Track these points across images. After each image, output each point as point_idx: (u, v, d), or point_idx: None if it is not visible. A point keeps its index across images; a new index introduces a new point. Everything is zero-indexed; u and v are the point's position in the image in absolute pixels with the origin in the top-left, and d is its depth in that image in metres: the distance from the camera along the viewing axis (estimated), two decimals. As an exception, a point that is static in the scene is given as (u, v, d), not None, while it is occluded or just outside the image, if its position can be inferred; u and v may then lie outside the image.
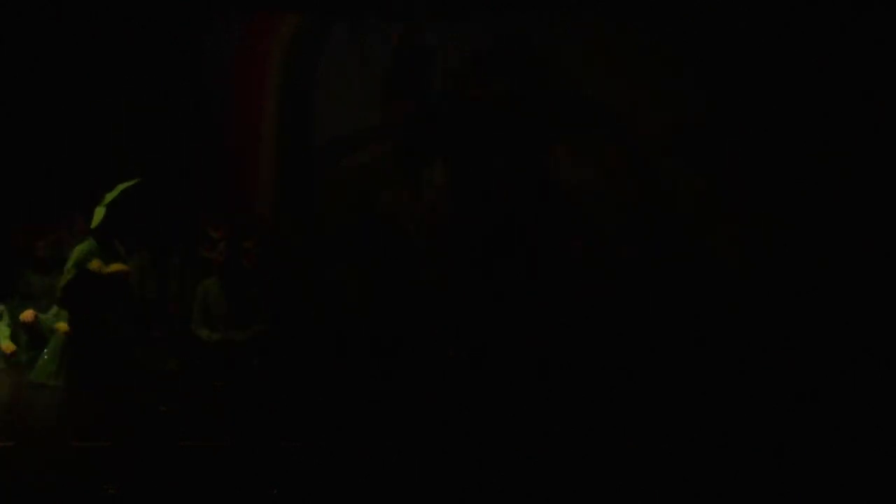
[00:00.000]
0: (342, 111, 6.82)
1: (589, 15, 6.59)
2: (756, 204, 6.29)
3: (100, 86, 6.78)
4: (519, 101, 4.46)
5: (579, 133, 4.77)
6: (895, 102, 6.11)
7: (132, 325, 5.48)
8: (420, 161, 6.22)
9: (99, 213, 5.34)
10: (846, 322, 5.80)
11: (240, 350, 5.93)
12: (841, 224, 6.10)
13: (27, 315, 5.56)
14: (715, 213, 6.36)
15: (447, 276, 5.28)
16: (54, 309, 5.53)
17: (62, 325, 5.28)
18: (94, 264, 5.35)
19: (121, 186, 5.42)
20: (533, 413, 4.15)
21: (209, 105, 6.97)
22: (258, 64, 7.01)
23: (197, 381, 5.55)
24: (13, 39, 6.67)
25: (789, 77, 6.30)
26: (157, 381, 5.46)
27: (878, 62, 6.13)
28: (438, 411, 4.40)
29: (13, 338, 5.68)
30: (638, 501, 3.10)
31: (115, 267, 5.33)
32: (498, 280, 4.37)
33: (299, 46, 7.01)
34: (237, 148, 6.96)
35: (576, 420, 4.12)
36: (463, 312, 4.61)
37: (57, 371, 5.17)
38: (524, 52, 4.51)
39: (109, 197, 5.40)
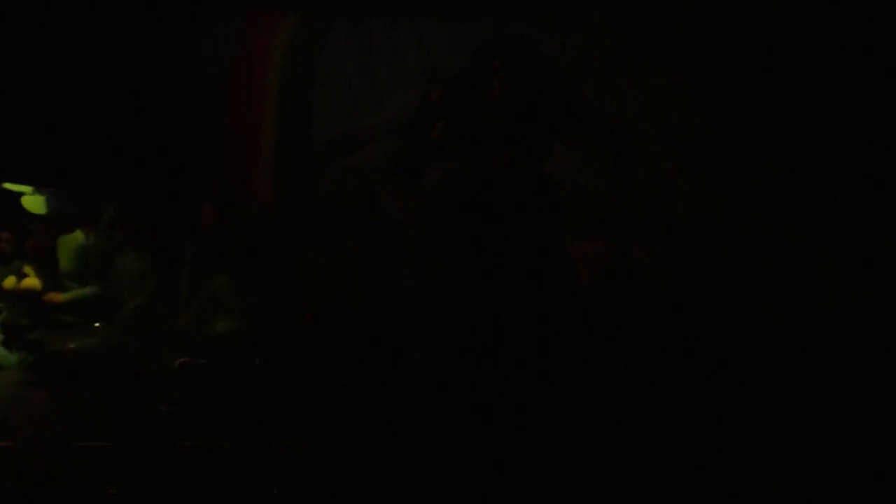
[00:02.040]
0: (342, 111, 6.82)
1: (589, 15, 6.60)
2: (757, 204, 6.29)
3: (100, 86, 6.78)
4: (520, 100, 4.45)
5: (580, 133, 4.77)
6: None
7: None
8: (422, 160, 6.22)
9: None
10: (847, 322, 5.80)
11: (241, 349, 5.97)
12: (842, 224, 6.09)
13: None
14: (716, 213, 6.36)
15: (449, 275, 5.28)
16: None
17: None
18: (9, 282, 5.58)
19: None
20: (534, 413, 4.15)
21: (209, 105, 6.97)
22: (258, 64, 7.01)
23: (197, 380, 5.55)
24: (12, 39, 6.67)
25: (790, 76, 6.29)
26: (159, 379, 5.50)
27: (879, 62, 6.13)
28: (439, 411, 4.40)
29: None
30: (638, 502, 3.10)
31: (27, 283, 5.48)
32: (499, 280, 4.37)
33: (299, 46, 7.01)
34: (236, 148, 6.96)
35: (577, 420, 4.12)
36: (464, 312, 4.61)
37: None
38: (525, 52, 4.51)
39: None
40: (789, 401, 4.59)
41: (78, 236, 5.79)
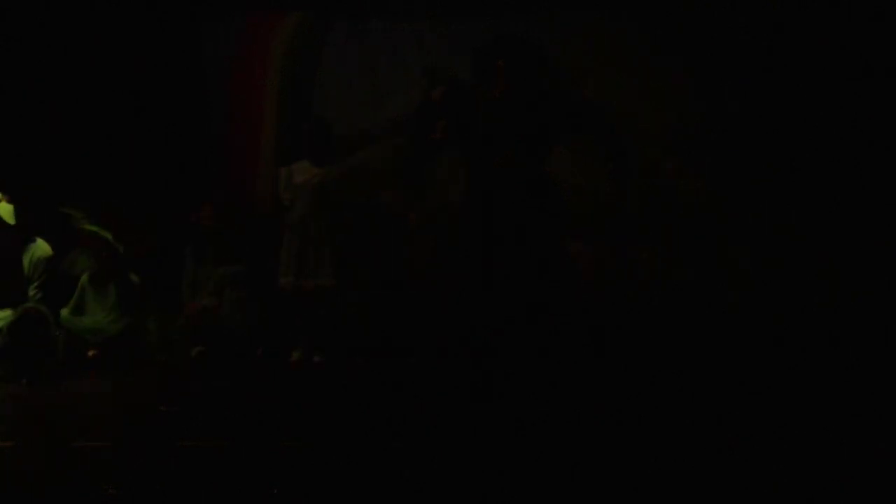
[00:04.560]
0: (342, 111, 6.82)
1: (589, 15, 6.61)
2: (757, 204, 6.29)
3: (100, 87, 6.79)
4: (520, 101, 4.45)
5: (580, 133, 4.77)
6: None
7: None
8: (426, 159, 6.22)
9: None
10: (847, 322, 5.80)
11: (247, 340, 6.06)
12: (842, 224, 6.09)
13: None
14: (716, 213, 6.36)
15: (452, 275, 5.30)
16: None
17: None
18: None
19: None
20: (534, 413, 4.15)
21: (209, 105, 6.98)
22: (258, 64, 7.01)
23: (197, 380, 5.56)
24: (12, 39, 6.68)
25: (790, 76, 6.29)
26: (174, 372, 5.59)
27: (879, 62, 6.13)
28: (440, 411, 4.40)
29: None
30: (638, 502, 3.11)
31: None
32: (499, 279, 4.37)
33: (299, 46, 7.01)
34: (236, 148, 6.97)
35: (577, 420, 4.12)
36: (464, 312, 4.62)
37: None
38: (525, 52, 4.51)
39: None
40: (789, 401, 4.59)
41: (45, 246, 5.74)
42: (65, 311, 5.97)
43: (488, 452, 3.61)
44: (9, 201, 5.67)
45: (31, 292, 5.57)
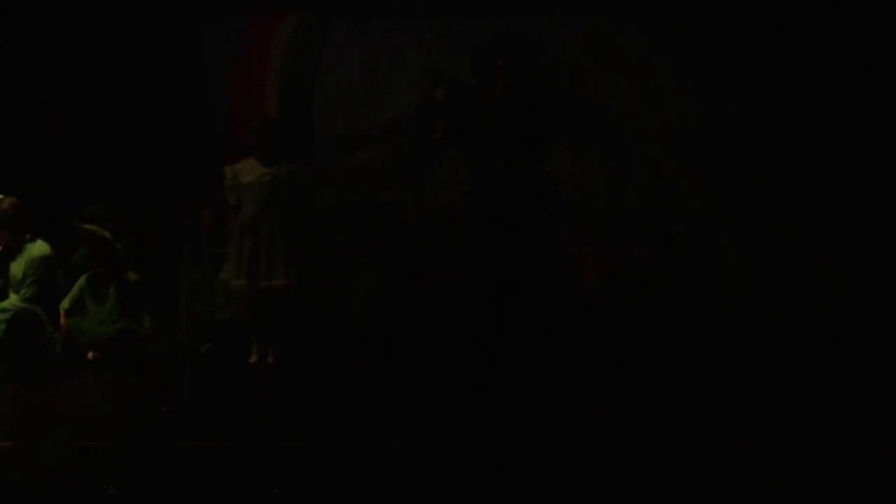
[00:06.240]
0: (342, 111, 6.83)
1: (589, 15, 6.61)
2: (757, 204, 6.29)
3: (100, 86, 6.80)
4: (520, 101, 4.45)
5: (580, 133, 4.77)
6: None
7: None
8: (426, 158, 6.23)
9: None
10: (847, 322, 5.80)
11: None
12: (842, 224, 6.09)
13: None
14: (716, 213, 6.36)
15: (452, 275, 5.30)
16: None
17: None
18: None
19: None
20: (534, 413, 4.15)
21: (209, 105, 6.98)
22: (258, 64, 7.02)
23: (197, 380, 5.55)
24: (12, 39, 6.68)
25: (790, 76, 6.30)
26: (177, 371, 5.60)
27: (879, 62, 6.13)
28: (439, 411, 4.40)
29: None
30: (638, 502, 3.10)
31: None
32: (500, 280, 4.37)
33: (299, 46, 7.01)
34: (237, 148, 6.96)
35: (577, 420, 4.12)
36: (465, 313, 4.62)
37: None
38: (525, 52, 4.51)
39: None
40: (789, 401, 4.59)
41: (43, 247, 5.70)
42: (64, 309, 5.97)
43: (488, 452, 3.61)
44: (12, 203, 5.63)
45: (28, 292, 5.55)
